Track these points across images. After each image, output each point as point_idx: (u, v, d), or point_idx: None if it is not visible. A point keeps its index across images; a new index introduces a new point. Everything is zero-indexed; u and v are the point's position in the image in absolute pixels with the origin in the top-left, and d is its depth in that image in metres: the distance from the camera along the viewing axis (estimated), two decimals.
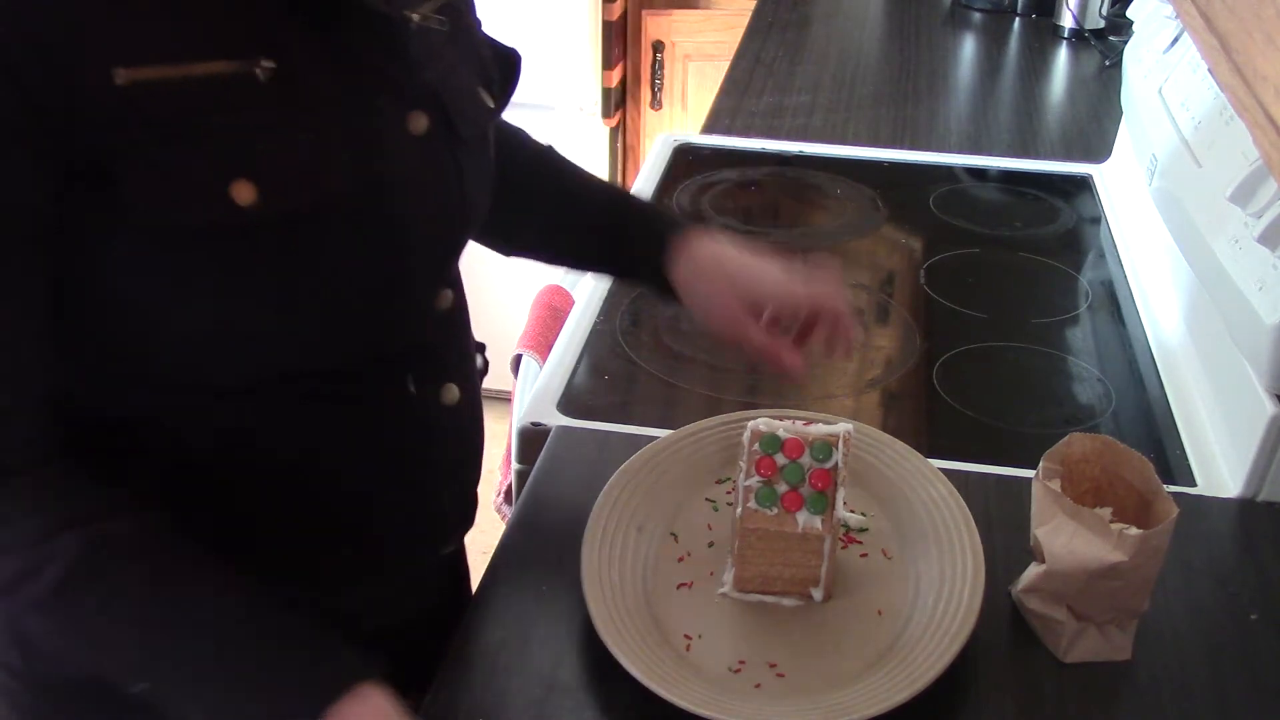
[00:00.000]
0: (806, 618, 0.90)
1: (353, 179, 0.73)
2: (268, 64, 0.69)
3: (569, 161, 1.06)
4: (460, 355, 0.90)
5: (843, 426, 0.89)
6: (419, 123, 0.77)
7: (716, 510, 0.99)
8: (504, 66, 0.92)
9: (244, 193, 0.68)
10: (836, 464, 0.87)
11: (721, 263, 0.97)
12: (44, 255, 0.69)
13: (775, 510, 0.86)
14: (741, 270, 0.96)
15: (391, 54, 0.76)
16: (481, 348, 0.98)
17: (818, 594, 0.90)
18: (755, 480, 0.86)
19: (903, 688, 0.80)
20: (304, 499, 0.82)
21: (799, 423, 0.89)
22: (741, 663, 0.86)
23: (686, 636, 0.88)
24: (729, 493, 1.00)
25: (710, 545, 0.96)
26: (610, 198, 1.05)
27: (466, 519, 0.96)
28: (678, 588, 0.92)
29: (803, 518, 0.87)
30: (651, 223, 1.01)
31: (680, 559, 0.94)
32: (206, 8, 0.68)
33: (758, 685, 0.84)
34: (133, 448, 0.78)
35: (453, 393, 0.87)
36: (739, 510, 0.87)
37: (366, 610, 0.88)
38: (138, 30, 0.66)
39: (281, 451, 0.80)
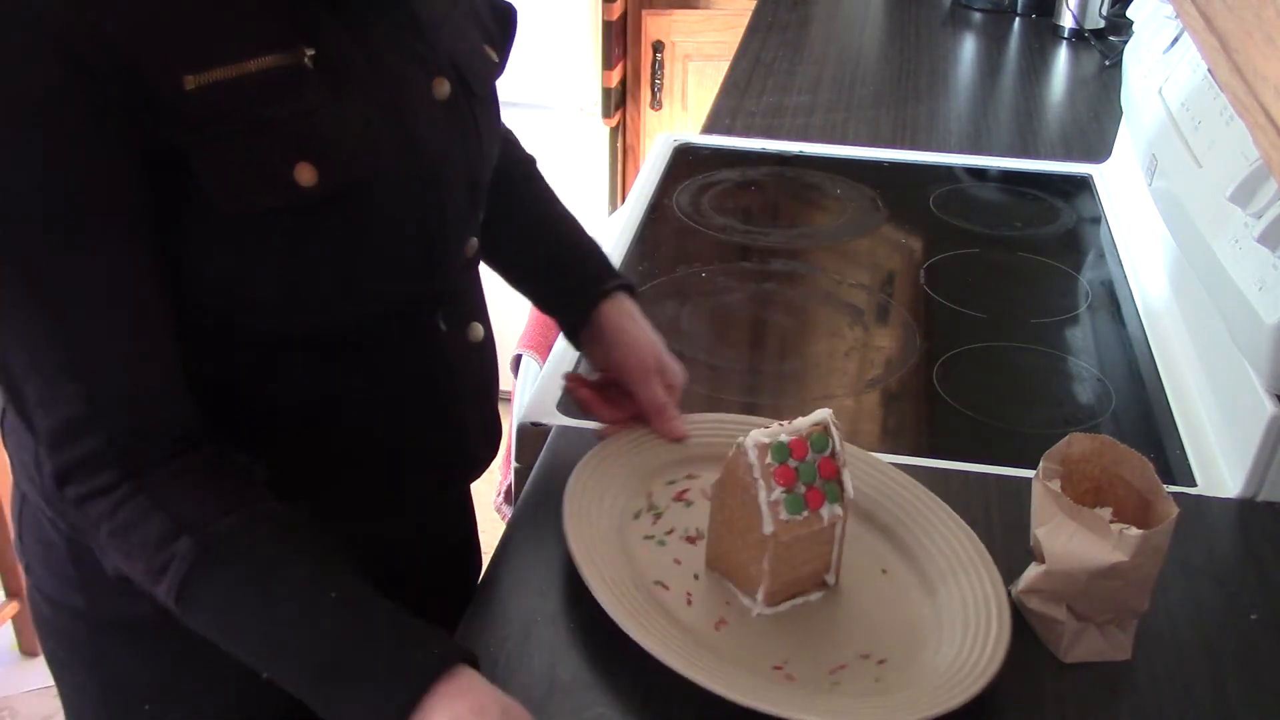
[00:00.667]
0: (822, 610, 0.92)
1: (396, 148, 0.80)
2: (310, 52, 0.75)
3: (541, 182, 1.12)
4: (481, 297, 0.99)
5: (821, 414, 0.90)
6: (443, 88, 0.84)
7: (658, 512, 0.99)
8: (501, 21, 0.98)
9: (305, 174, 0.75)
10: (834, 448, 0.89)
11: (619, 329, 1.04)
12: (152, 233, 0.74)
13: (805, 514, 0.87)
14: (636, 332, 1.04)
15: (408, 27, 0.82)
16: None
17: (831, 578, 0.92)
18: (779, 493, 0.86)
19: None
20: (347, 433, 0.88)
21: (776, 425, 0.89)
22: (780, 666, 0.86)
23: (687, 594, 0.91)
24: (679, 497, 1.00)
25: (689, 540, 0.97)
26: (558, 240, 1.10)
27: (492, 446, 1.02)
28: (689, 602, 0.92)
29: (826, 511, 0.88)
30: (581, 287, 1.07)
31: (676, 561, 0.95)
32: (251, 9, 0.74)
33: (783, 673, 0.85)
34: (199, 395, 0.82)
35: (478, 331, 0.95)
36: (768, 528, 0.86)
37: (384, 552, 0.89)
38: (198, 36, 0.72)
39: (326, 391, 0.86)
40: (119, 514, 0.74)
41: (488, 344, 0.98)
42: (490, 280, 1.07)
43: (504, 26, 0.99)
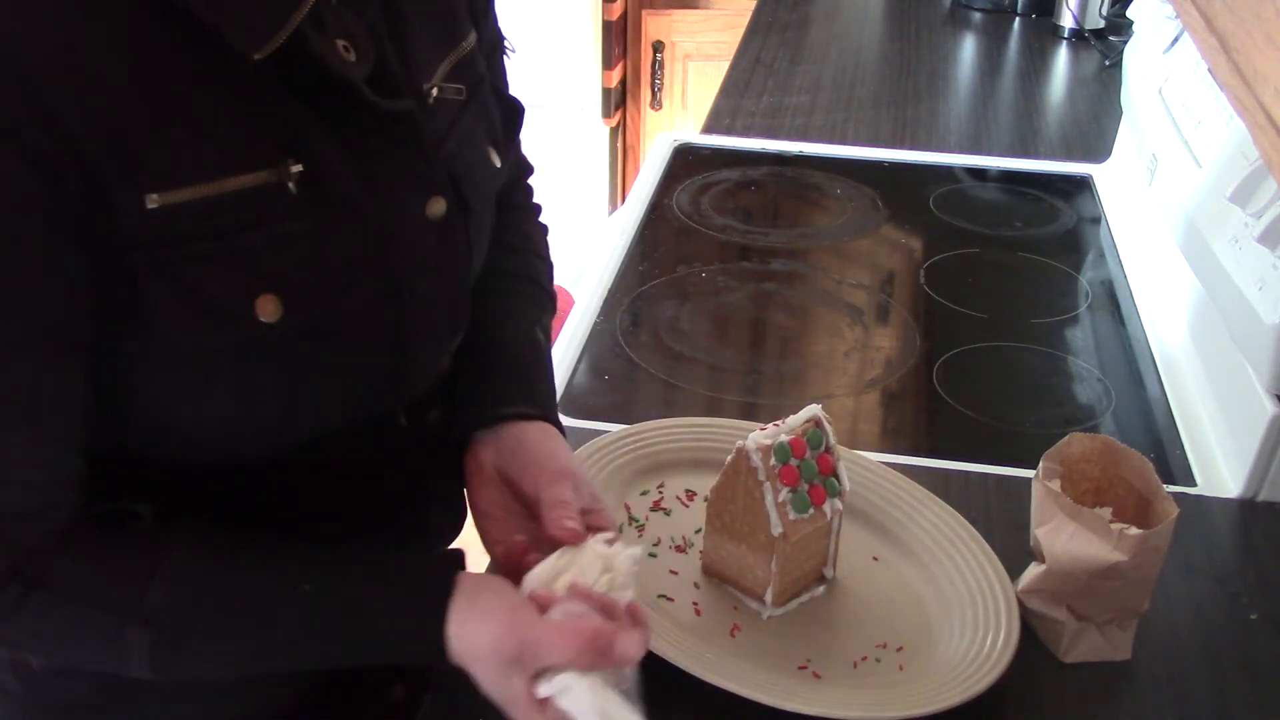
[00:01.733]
0: (828, 604, 0.92)
1: (375, 282, 0.72)
2: (296, 168, 0.67)
3: (522, 283, 0.96)
4: (443, 381, 0.89)
5: (811, 409, 0.90)
6: (437, 207, 0.76)
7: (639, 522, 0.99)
8: (508, 117, 0.90)
9: (268, 308, 0.67)
10: (828, 443, 0.89)
11: (537, 447, 0.87)
12: (83, 344, 0.67)
13: (811, 511, 0.87)
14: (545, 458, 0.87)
15: (409, 141, 0.74)
16: None
17: (830, 572, 0.93)
18: (786, 493, 0.86)
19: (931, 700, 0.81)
20: (298, 526, 0.80)
21: (772, 427, 0.89)
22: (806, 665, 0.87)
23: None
24: (656, 506, 1.00)
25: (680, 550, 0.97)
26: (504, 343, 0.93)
27: (457, 524, 0.95)
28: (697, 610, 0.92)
29: (828, 506, 0.89)
30: (502, 394, 0.89)
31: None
32: (237, 119, 0.66)
33: (809, 671, 0.86)
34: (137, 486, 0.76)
35: (438, 419, 0.87)
36: (776, 530, 0.86)
37: None
38: (173, 151, 0.64)
39: (270, 493, 0.79)
40: (43, 615, 0.68)
41: (445, 425, 0.88)
42: None
43: (511, 123, 0.91)
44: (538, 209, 1.02)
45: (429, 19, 0.78)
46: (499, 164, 0.85)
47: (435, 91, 0.76)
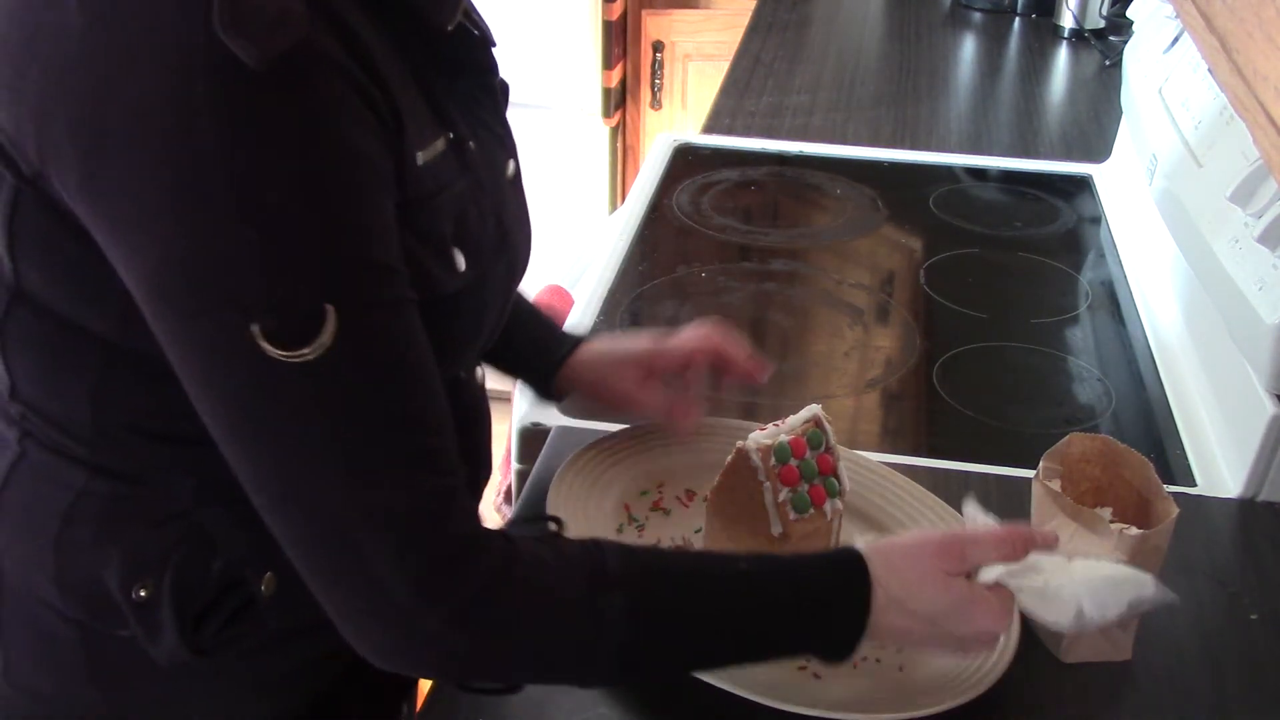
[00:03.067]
0: None
1: (499, 238, 0.78)
2: (451, 136, 0.72)
3: None
4: None
5: (811, 409, 0.90)
6: (511, 168, 0.83)
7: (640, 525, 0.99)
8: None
9: (460, 260, 0.72)
10: (828, 443, 0.89)
11: (598, 353, 1.02)
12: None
13: (811, 511, 0.87)
14: (614, 348, 1.02)
15: (496, 109, 0.82)
16: None
17: None
18: (786, 493, 0.86)
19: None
20: None
21: (772, 426, 0.89)
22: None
23: None
24: (656, 506, 1.00)
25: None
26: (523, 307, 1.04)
27: (488, 474, 0.98)
28: None
29: (829, 506, 0.89)
30: (555, 337, 1.04)
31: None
32: (419, 94, 0.70)
33: (808, 671, 0.86)
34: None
35: (480, 373, 0.92)
36: (776, 530, 0.86)
37: None
38: (416, 114, 0.68)
39: None
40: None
41: (485, 387, 0.97)
42: None
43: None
44: None
45: None
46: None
47: (495, 48, 0.83)
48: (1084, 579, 0.76)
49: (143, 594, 0.73)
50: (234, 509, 0.72)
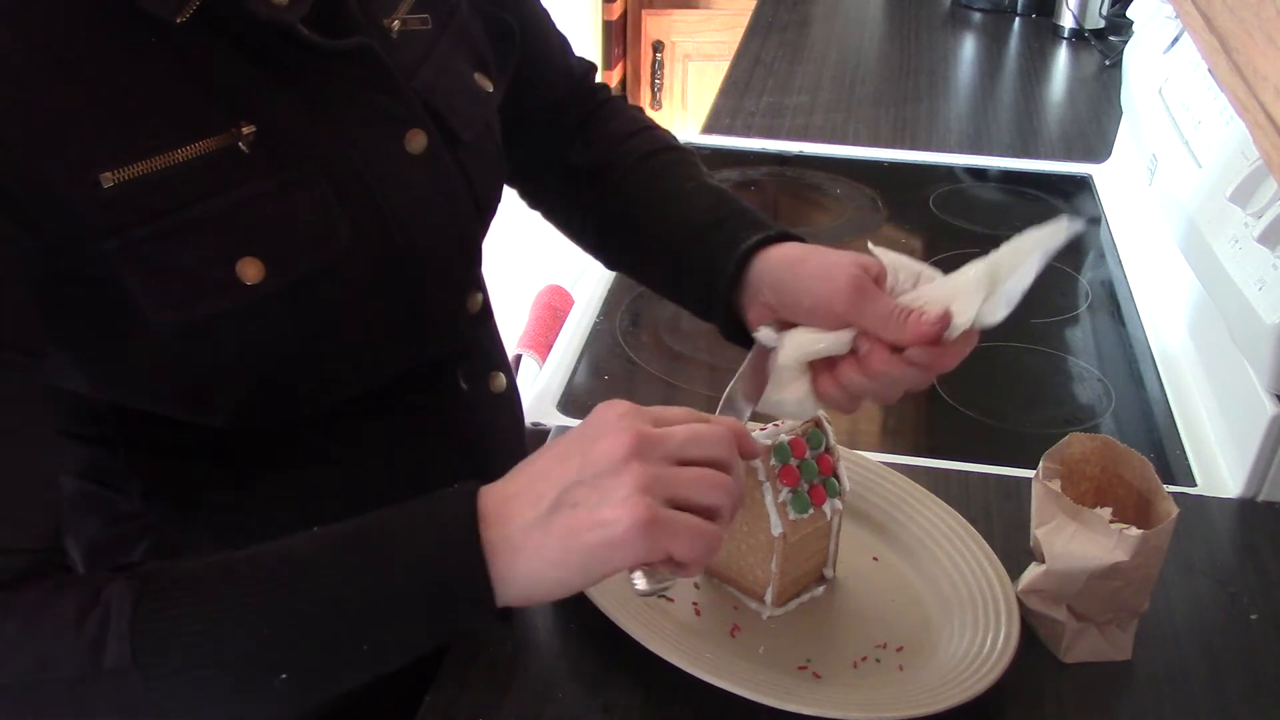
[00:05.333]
0: (829, 604, 0.92)
1: (358, 225, 0.71)
2: (248, 129, 0.66)
3: (667, 164, 0.95)
4: (496, 344, 0.93)
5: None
6: (417, 141, 0.75)
7: None
8: (499, 38, 0.88)
9: (250, 270, 0.67)
10: (828, 443, 0.89)
11: (799, 267, 0.83)
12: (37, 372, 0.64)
13: (811, 511, 0.87)
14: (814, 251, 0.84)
15: (371, 79, 0.73)
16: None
17: (830, 572, 0.93)
18: (786, 493, 0.86)
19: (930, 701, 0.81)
20: (375, 503, 0.77)
21: (772, 426, 0.89)
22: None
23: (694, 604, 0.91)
24: None
25: None
26: (688, 212, 0.92)
27: None
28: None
29: (828, 506, 0.88)
30: (727, 242, 0.87)
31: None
32: (177, 89, 0.65)
33: (809, 671, 0.86)
34: (202, 460, 0.76)
35: (500, 381, 0.89)
36: (776, 530, 0.86)
37: None
38: (116, 128, 0.63)
39: (351, 464, 0.79)
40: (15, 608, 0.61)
41: (511, 392, 0.92)
42: (490, 281, 1.06)
43: (503, 44, 0.89)
44: (618, 101, 1.02)
45: None
46: (489, 89, 0.83)
47: (398, 25, 0.75)
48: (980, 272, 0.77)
49: None
50: (195, 513, 0.73)
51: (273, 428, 0.76)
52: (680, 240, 0.89)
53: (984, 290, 0.77)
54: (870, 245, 0.78)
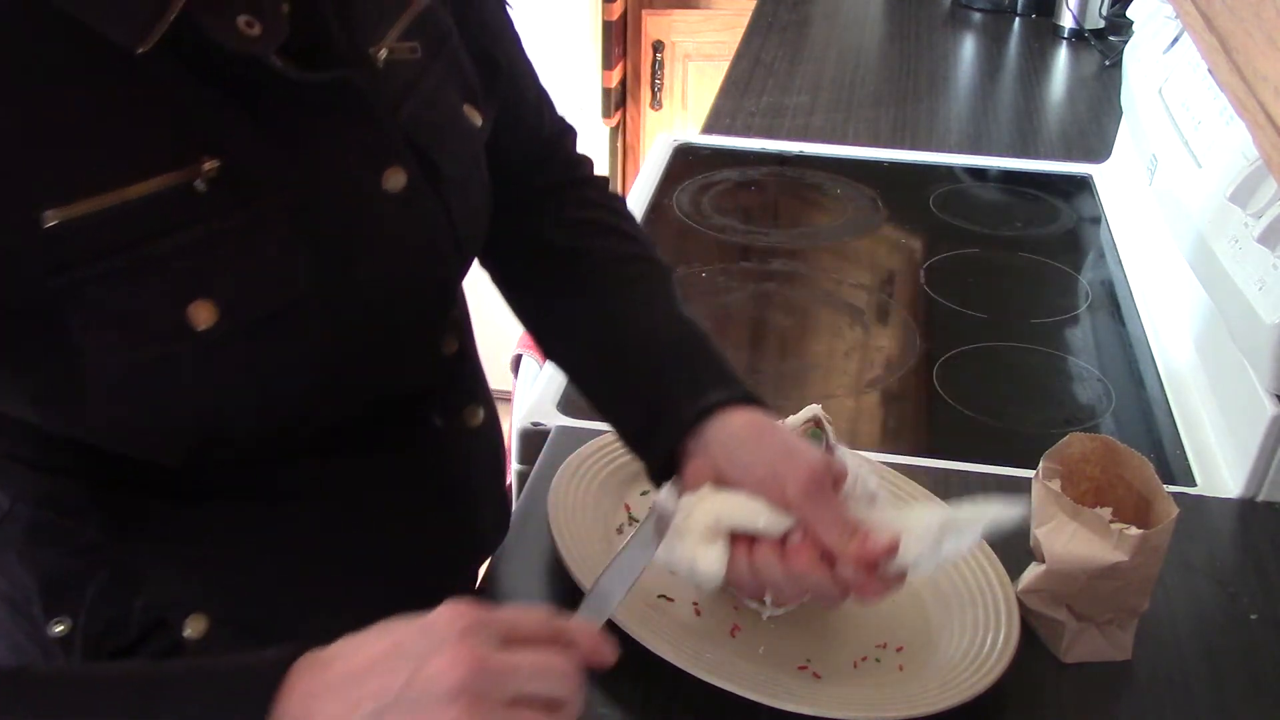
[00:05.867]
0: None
1: (323, 269, 0.67)
2: (211, 165, 0.61)
3: (645, 284, 0.88)
4: (475, 376, 0.88)
5: (812, 409, 0.90)
6: (396, 179, 0.70)
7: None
8: (487, 70, 0.83)
9: (202, 314, 0.62)
10: (829, 443, 0.89)
11: (756, 438, 0.78)
12: None
13: None
14: (779, 434, 0.79)
15: (350, 113, 0.68)
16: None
17: None
18: None
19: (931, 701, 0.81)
20: (345, 540, 0.78)
21: None
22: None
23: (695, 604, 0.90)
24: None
25: None
26: (649, 349, 0.84)
27: (502, 528, 0.95)
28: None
29: None
30: (680, 400, 0.80)
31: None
32: (136, 120, 0.61)
33: (809, 671, 0.86)
34: (172, 497, 0.74)
35: (477, 414, 0.85)
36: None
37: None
38: (64, 161, 0.59)
39: (319, 500, 0.76)
40: None
41: (490, 424, 0.88)
42: (490, 280, 1.06)
43: (491, 76, 0.84)
44: (600, 182, 0.95)
45: None
46: (479, 123, 0.79)
47: (384, 53, 0.71)
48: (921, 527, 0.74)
49: (59, 630, 0.71)
50: (158, 546, 0.70)
51: (235, 463, 0.72)
52: (636, 364, 0.83)
53: (936, 541, 0.74)
54: (844, 449, 0.74)
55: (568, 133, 0.96)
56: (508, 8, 0.88)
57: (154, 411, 0.66)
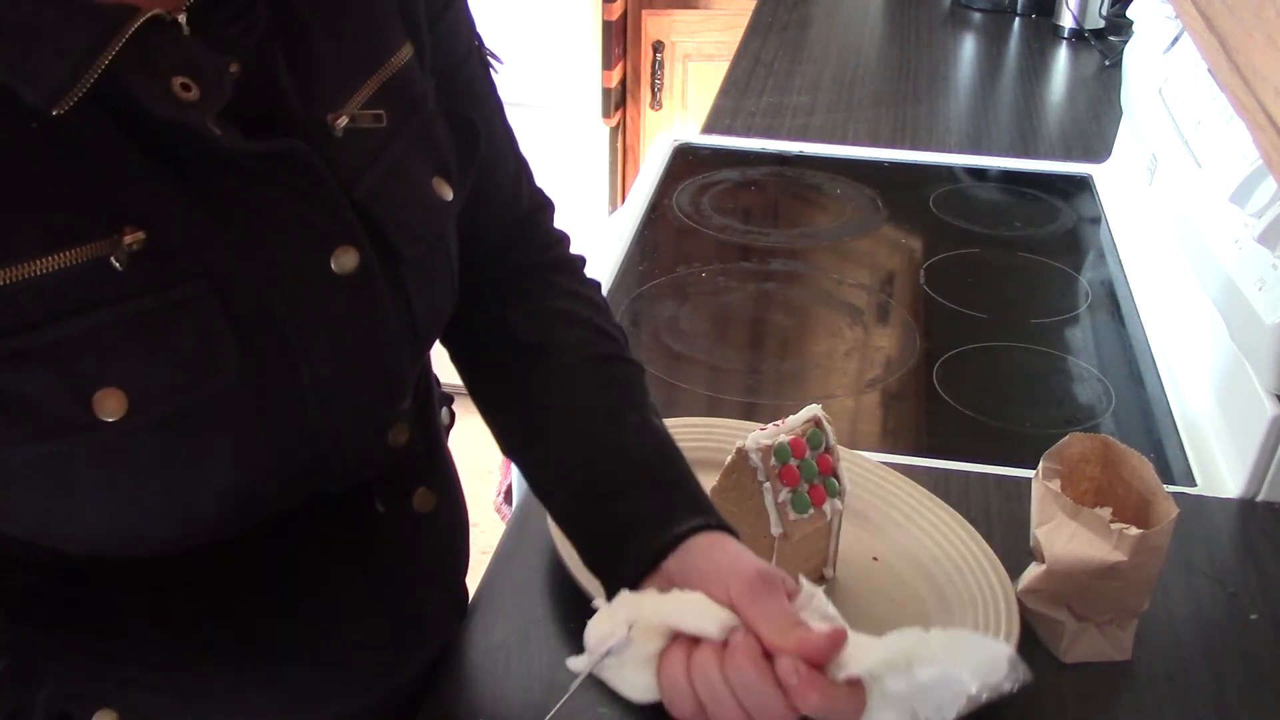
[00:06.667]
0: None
1: (253, 356, 0.60)
2: (133, 237, 0.55)
3: (620, 388, 0.81)
4: (430, 454, 0.82)
5: (811, 409, 0.90)
6: (347, 260, 0.64)
7: None
8: (463, 139, 0.76)
9: (109, 403, 0.56)
10: (828, 443, 0.89)
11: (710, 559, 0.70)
12: None
13: (811, 511, 0.87)
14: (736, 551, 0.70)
15: (300, 186, 0.62)
16: (448, 400, 0.90)
17: (829, 572, 0.93)
18: (786, 493, 0.86)
19: None
20: (270, 630, 0.73)
21: (772, 426, 0.89)
22: None
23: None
24: None
25: None
26: (616, 466, 0.76)
27: (458, 611, 0.88)
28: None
29: (828, 506, 0.88)
30: (643, 525, 0.72)
31: None
32: (50, 186, 0.55)
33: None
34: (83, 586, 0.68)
35: (426, 498, 0.79)
36: (776, 530, 0.86)
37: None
38: None
39: (242, 590, 0.71)
40: None
41: (443, 504, 0.81)
42: None
43: (466, 146, 0.76)
44: (575, 265, 0.88)
45: (342, 35, 0.66)
46: (448, 197, 0.72)
47: (344, 121, 0.64)
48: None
49: None
50: (62, 635, 0.66)
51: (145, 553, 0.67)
52: (605, 476, 0.75)
53: (892, 658, 0.63)
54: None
55: (546, 207, 0.89)
56: (492, 72, 0.82)
57: (56, 508, 0.60)
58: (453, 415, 0.90)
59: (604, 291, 1.36)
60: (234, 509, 0.65)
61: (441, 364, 0.87)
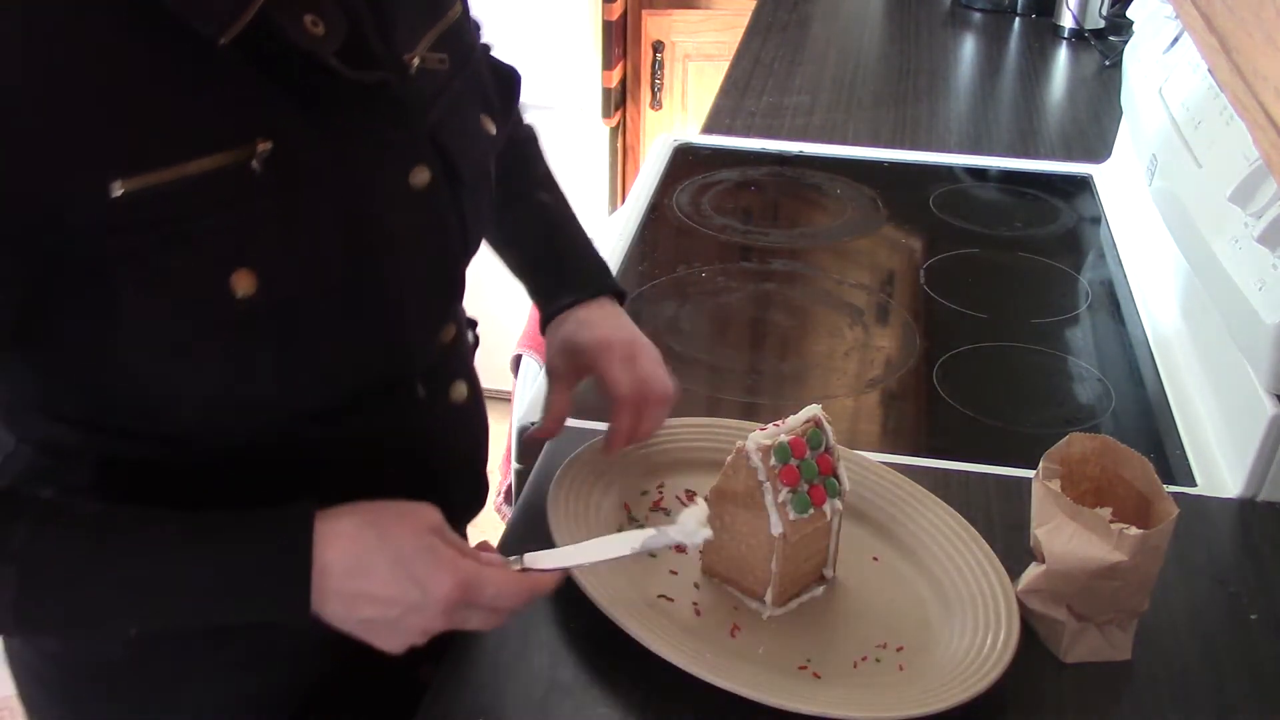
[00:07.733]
0: (829, 604, 0.92)
1: (353, 252, 0.73)
2: (264, 146, 0.67)
3: (536, 165, 1.08)
4: (463, 354, 0.92)
5: (811, 410, 0.90)
6: (420, 176, 0.77)
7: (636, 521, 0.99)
8: (504, 85, 0.91)
9: (243, 283, 0.68)
10: (828, 443, 0.89)
11: (590, 319, 0.99)
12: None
13: (811, 511, 0.87)
14: (592, 328, 0.98)
15: (388, 112, 0.75)
16: (473, 324, 0.99)
17: (829, 572, 0.93)
18: (786, 493, 0.86)
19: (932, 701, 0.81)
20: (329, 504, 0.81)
21: (772, 426, 0.89)
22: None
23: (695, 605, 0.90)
24: (656, 506, 1.00)
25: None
26: (553, 236, 1.07)
27: (479, 502, 0.97)
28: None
29: (828, 506, 0.89)
30: (573, 285, 1.02)
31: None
32: (201, 101, 0.66)
33: (809, 671, 0.86)
34: (147, 476, 0.78)
35: (460, 390, 0.89)
36: (776, 530, 0.86)
37: None
38: (136, 137, 0.64)
39: (293, 469, 0.80)
40: None
41: (473, 402, 0.93)
42: (490, 280, 1.06)
43: (506, 91, 0.94)
44: (530, 136, 1.08)
45: None
46: (494, 131, 0.86)
47: (417, 61, 0.77)
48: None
49: None
50: (143, 495, 0.75)
51: (215, 439, 0.77)
52: (512, 263, 1.05)
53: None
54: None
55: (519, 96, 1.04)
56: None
57: (172, 382, 0.71)
58: (477, 338, 1.01)
59: None
60: (315, 389, 0.77)
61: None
